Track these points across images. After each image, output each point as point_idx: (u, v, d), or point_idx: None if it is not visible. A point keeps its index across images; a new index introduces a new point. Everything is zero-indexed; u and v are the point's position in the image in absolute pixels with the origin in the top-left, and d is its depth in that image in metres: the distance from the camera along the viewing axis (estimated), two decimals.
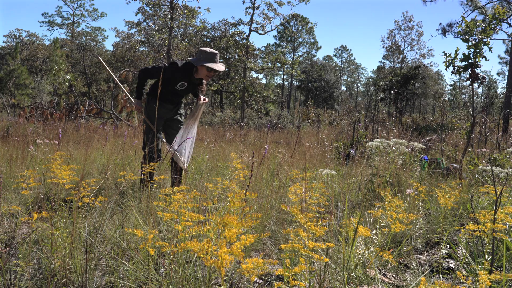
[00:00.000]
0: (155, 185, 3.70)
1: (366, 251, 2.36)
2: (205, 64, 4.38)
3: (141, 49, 29.64)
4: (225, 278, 2.38)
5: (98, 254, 2.62)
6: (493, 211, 2.06)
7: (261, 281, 2.49)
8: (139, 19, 24.53)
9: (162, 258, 2.43)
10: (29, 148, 6.06)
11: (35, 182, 2.96)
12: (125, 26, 30.39)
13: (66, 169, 2.71)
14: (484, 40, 6.07)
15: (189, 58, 4.61)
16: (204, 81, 4.67)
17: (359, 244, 2.47)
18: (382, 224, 2.44)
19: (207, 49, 4.48)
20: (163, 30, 18.91)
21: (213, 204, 2.37)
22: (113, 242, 2.78)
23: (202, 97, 4.82)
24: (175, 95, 4.64)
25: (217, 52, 4.49)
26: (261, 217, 3.44)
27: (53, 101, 17.26)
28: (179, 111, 4.81)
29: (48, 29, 53.54)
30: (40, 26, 59.31)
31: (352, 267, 2.30)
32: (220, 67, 4.45)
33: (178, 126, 4.76)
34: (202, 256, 1.21)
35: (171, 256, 1.80)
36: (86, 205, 2.81)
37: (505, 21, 21.02)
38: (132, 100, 4.84)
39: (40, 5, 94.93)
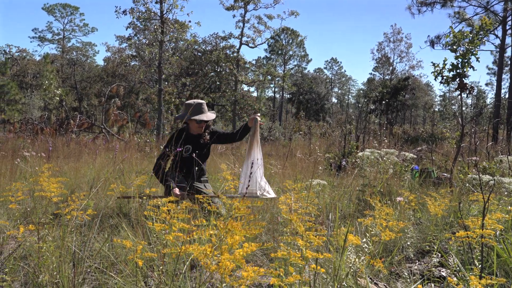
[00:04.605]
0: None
1: (356, 260, 2.35)
2: (192, 117, 4.20)
3: (132, 64, 29.63)
4: None
5: (87, 267, 2.58)
6: (482, 218, 2.06)
7: None
8: (129, 34, 24.59)
9: (151, 270, 2.41)
10: (16, 161, 6.00)
11: (23, 196, 2.93)
12: (116, 40, 30.53)
13: (54, 181, 2.68)
14: (472, 50, 6.14)
15: (176, 116, 4.42)
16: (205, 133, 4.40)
17: (350, 253, 2.45)
18: (372, 233, 2.43)
19: (191, 101, 4.29)
20: (154, 44, 18.95)
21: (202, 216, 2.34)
22: (102, 255, 2.75)
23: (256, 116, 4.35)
24: (189, 164, 4.28)
25: (202, 101, 4.31)
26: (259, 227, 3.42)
27: (44, 116, 17.17)
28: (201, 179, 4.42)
29: (38, 45, 53.48)
30: (31, 42, 59.48)
31: (343, 277, 2.29)
32: (209, 115, 4.27)
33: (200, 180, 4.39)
34: (202, 261, 1.19)
35: (161, 267, 1.78)
36: (75, 219, 2.78)
37: (492, 32, 21.34)
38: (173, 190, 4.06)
39: (31, 21, 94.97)
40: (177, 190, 3.92)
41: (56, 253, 2.42)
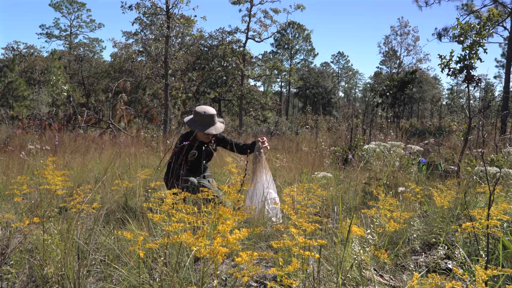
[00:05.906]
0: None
1: (361, 251, 2.33)
2: (201, 131, 4.10)
3: (138, 59, 29.69)
4: (220, 281, 2.36)
5: (92, 260, 2.59)
6: (488, 208, 2.04)
7: (256, 284, 2.46)
8: (136, 29, 24.60)
9: (155, 263, 2.41)
10: (21, 154, 6.04)
11: (29, 189, 2.94)
12: (122, 36, 30.57)
13: (59, 174, 2.69)
14: (479, 41, 6.07)
15: (185, 119, 4.21)
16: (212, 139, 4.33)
17: (354, 245, 2.44)
18: (377, 224, 2.42)
19: (202, 110, 4.11)
20: (160, 39, 18.95)
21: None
22: (107, 248, 2.76)
23: (261, 140, 4.20)
24: (193, 166, 4.28)
25: (213, 112, 4.13)
26: (257, 220, 3.42)
27: (51, 112, 17.25)
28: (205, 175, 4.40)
29: (46, 41, 53.74)
30: (38, 38, 59.77)
31: (347, 268, 2.28)
32: (218, 128, 4.14)
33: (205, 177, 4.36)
34: (194, 249, 1.19)
35: (162, 258, 1.78)
36: (80, 212, 2.79)
37: (501, 24, 21.12)
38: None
39: (38, 17, 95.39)
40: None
41: (61, 245, 2.43)
